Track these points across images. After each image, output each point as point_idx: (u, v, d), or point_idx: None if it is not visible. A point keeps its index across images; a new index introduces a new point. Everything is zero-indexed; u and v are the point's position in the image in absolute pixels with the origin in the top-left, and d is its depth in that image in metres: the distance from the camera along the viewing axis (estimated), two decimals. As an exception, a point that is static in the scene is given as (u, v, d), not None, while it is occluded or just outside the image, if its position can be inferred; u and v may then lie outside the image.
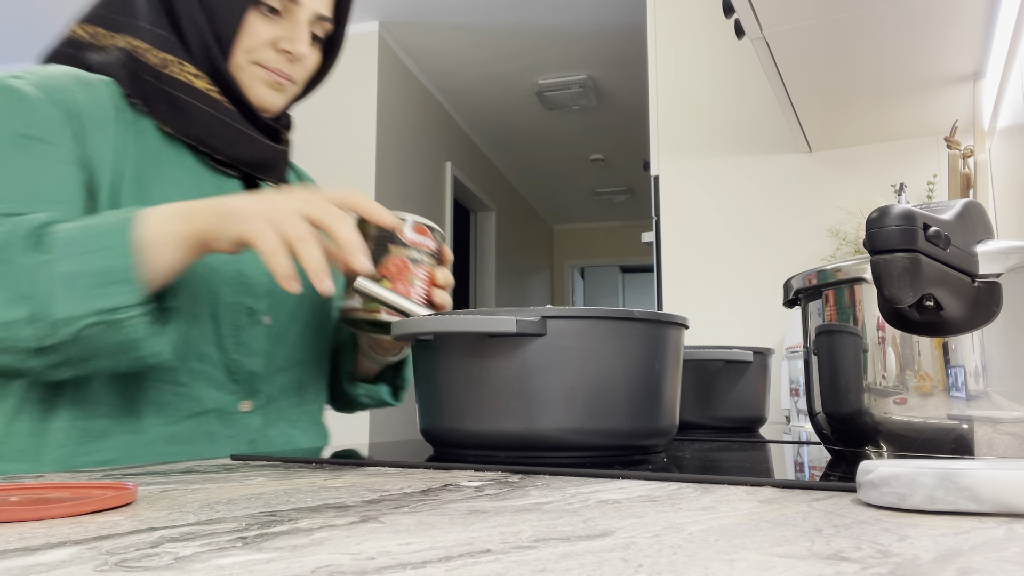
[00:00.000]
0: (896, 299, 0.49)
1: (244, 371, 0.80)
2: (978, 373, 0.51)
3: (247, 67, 0.80)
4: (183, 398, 0.75)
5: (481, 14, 3.51)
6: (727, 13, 1.38)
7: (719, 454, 0.66)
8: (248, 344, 0.80)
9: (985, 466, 0.35)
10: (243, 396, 0.80)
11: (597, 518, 0.34)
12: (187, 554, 0.27)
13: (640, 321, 0.62)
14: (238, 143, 0.80)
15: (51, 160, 0.69)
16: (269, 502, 0.39)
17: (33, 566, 0.25)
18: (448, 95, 4.44)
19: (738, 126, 2.21)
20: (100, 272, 0.60)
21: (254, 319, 0.81)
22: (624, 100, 4.47)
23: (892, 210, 0.49)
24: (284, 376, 0.84)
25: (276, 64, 0.81)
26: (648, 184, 5.75)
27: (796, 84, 1.63)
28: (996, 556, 0.26)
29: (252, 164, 0.83)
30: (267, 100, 0.82)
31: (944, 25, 1.37)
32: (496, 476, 0.51)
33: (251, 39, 0.79)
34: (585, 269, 7.89)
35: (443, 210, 4.52)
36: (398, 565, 0.25)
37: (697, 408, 1.01)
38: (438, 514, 0.35)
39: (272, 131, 0.86)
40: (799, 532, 0.30)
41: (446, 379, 0.63)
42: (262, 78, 0.81)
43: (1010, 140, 1.44)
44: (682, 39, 2.30)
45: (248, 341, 0.80)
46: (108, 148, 0.73)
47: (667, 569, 0.24)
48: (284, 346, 0.84)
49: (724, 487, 0.45)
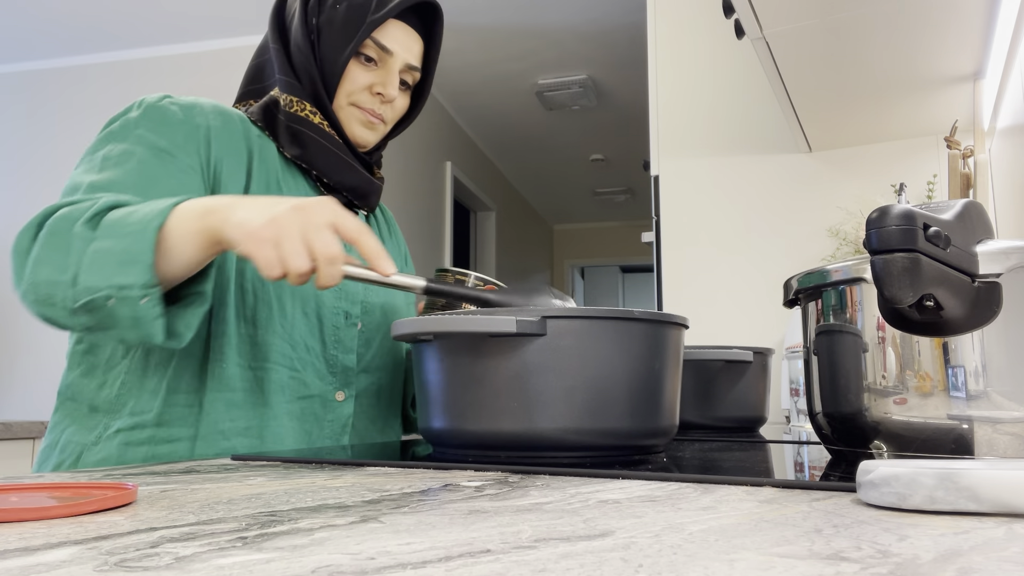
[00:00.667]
0: (896, 299, 0.49)
1: (340, 365, 0.93)
2: (978, 373, 0.51)
3: (346, 107, 0.95)
4: (297, 382, 0.89)
5: (481, 14, 3.51)
6: (727, 13, 1.38)
7: (719, 454, 0.66)
8: (344, 342, 0.94)
9: (985, 466, 0.35)
10: (338, 387, 0.93)
11: (597, 518, 0.34)
12: (187, 554, 0.27)
13: (640, 321, 0.62)
14: (343, 170, 0.95)
15: (175, 169, 0.83)
16: (269, 502, 0.39)
17: (33, 566, 0.25)
18: (448, 95, 4.44)
19: (738, 126, 2.21)
20: (121, 252, 0.68)
21: (349, 322, 0.95)
22: (624, 100, 4.47)
23: (892, 210, 0.49)
24: (367, 377, 0.97)
25: (370, 105, 0.95)
26: (648, 184, 5.75)
27: (796, 84, 1.63)
28: (996, 556, 0.25)
29: (352, 190, 0.97)
30: (361, 136, 0.96)
31: (944, 25, 1.37)
32: (496, 476, 0.51)
33: (351, 84, 0.94)
34: (585, 269, 7.88)
35: (443, 210, 4.52)
36: (398, 565, 0.25)
37: (697, 408, 1.01)
38: (438, 514, 0.35)
39: (367, 165, 1.01)
40: (799, 532, 0.30)
41: (446, 379, 0.63)
42: (358, 117, 0.95)
43: (1010, 140, 1.44)
44: (682, 39, 2.30)
45: (344, 340, 0.94)
46: (240, 169, 0.88)
47: (667, 569, 0.24)
48: (371, 349, 0.98)
49: (724, 487, 0.45)
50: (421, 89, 1.03)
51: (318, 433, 0.90)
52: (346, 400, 0.93)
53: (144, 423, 0.81)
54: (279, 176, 0.92)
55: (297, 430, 0.88)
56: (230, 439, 0.82)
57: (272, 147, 0.94)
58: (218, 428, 0.82)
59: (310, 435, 0.89)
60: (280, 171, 0.93)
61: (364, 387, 0.96)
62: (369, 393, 0.97)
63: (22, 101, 3.73)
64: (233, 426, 0.83)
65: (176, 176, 0.82)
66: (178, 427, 0.81)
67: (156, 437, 0.80)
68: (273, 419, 0.86)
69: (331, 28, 0.92)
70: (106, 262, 0.68)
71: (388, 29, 0.94)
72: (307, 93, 0.93)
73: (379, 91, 0.94)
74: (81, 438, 0.82)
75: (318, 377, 0.91)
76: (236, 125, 0.91)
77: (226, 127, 0.89)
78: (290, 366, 0.88)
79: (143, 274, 0.68)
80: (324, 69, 0.93)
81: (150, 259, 0.68)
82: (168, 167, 0.82)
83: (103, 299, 0.68)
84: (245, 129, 0.92)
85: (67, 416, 0.84)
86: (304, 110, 0.92)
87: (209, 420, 0.82)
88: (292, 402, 0.88)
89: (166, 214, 0.70)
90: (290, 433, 0.87)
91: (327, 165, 0.93)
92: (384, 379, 1.00)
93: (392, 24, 0.94)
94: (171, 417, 0.81)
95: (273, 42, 0.96)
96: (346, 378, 0.94)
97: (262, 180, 0.90)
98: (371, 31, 0.92)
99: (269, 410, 0.85)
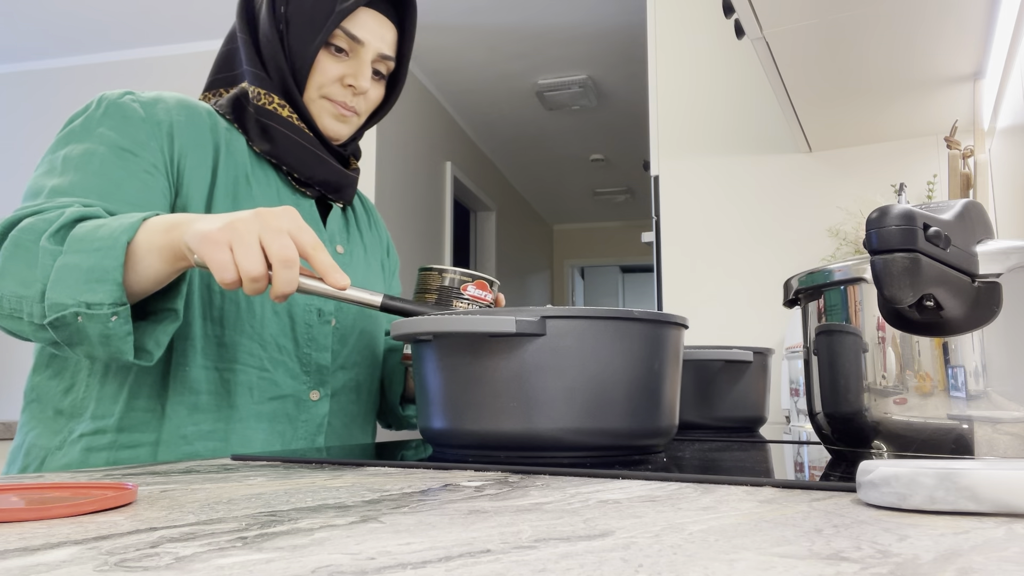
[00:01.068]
0: (896, 299, 0.49)
1: (314, 364, 0.91)
2: (978, 373, 0.51)
3: (317, 100, 0.92)
4: (267, 383, 0.86)
5: (481, 14, 3.51)
6: (727, 13, 1.38)
7: (719, 454, 0.66)
8: (318, 340, 0.92)
9: (985, 466, 0.35)
10: (313, 386, 0.91)
11: (597, 518, 0.34)
12: (187, 554, 0.27)
13: (639, 321, 0.62)
14: (314, 165, 0.92)
15: (137, 169, 0.81)
16: (269, 502, 0.39)
17: (33, 566, 0.25)
18: (448, 95, 4.44)
19: (738, 126, 2.21)
20: (89, 269, 0.67)
21: (323, 319, 0.92)
22: (624, 100, 4.47)
23: (892, 210, 0.49)
24: (344, 374, 0.95)
25: (342, 97, 0.93)
26: (648, 184, 5.75)
27: (796, 84, 1.63)
28: (996, 556, 0.25)
29: (324, 184, 0.95)
30: (333, 130, 0.94)
31: (944, 25, 1.37)
32: (496, 476, 0.51)
33: (322, 76, 0.91)
34: (585, 269, 7.88)
35: (443, 210, 4.52)
36: (398, 565, 0.25)
37: (697, 408, 1.01)
38: (438, 514, 0.35)
39: (342, 158, 0.98)
40: (799, 532, 0.30)
41: (446, 379, 0.63)
42: (329, 111, 0.93)
43: (1010, 140, 1.44)
44: (682, 39, 2.30)
45: (318, 338, 0.92)
46: (205, 163, 0.86)
47: (667, 569, 0.24)
48: (347, 347, 0.96)
49: (724, 487, 0.45)
50: (396, 78, 1.00)
51: (292, 434, 0.88)
52: (321, 399, 0.91)
53: (105, 428, 0.79)
54: (248, 170, 0.90)
55: (267, 431, 0.86)
56: (192, 443, 0.81)
57: (241, 140, 0.91)
58: (180, 433, 0.80)
59: (283, 436, 0.87)
60: (249, 165, 0.90)
61: (341, 385, 0.94)
62: (346, 391, 0.95)
63: (23, 101, 3.74)
64: (196, 430, 0.81)
65: (139, 176, 0.80)
66: (140, 432, 0.80)
67: (118, 442, 0.79)
68: (239, 421, 0.83)
69: (300, 18, 0.90)
70: (74, 278, 0.66)
71: (359, 17, 0.91)
72: (276, 86, 0.90)
73: (351, 83, 0.92)
74: (46, 442, 0.81)
75: (291, 377, 0.88)
76: (202, 119, 0.88)
77: (191, 121, 0.86)
78: (260, 366, 0.85)
79: (112, 292, 0.66)
80: (293, 61, 0.90)
81: (119, 276, 0.66)
82: (130, 167, 0.80)
83: (72, 316, 0.66)
84: (212, 123, 0.89)
85: (33, 418, 0.83)
86: (272, 103, 0.90)
87: (171, 425, 0.80)
88: (262, 403, 0.85)
89: (135, 229, 0.68)
90: (258, 435, 0.85)
91: (297, 160, 0.91)
92: (362, 376, 0.98)
93: (363, 12, 0.91)
94: (133, 422, 0.80)
95: (241, 32, 0.93)
96: (321, 377, 0.91)
97: (230, 175, 0.88)
98: (341, 20, 0.89)
99: (235, 412, 0.83)
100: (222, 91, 0.95)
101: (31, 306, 0.67)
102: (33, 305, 0.67)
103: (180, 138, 0.84)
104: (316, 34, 0.89)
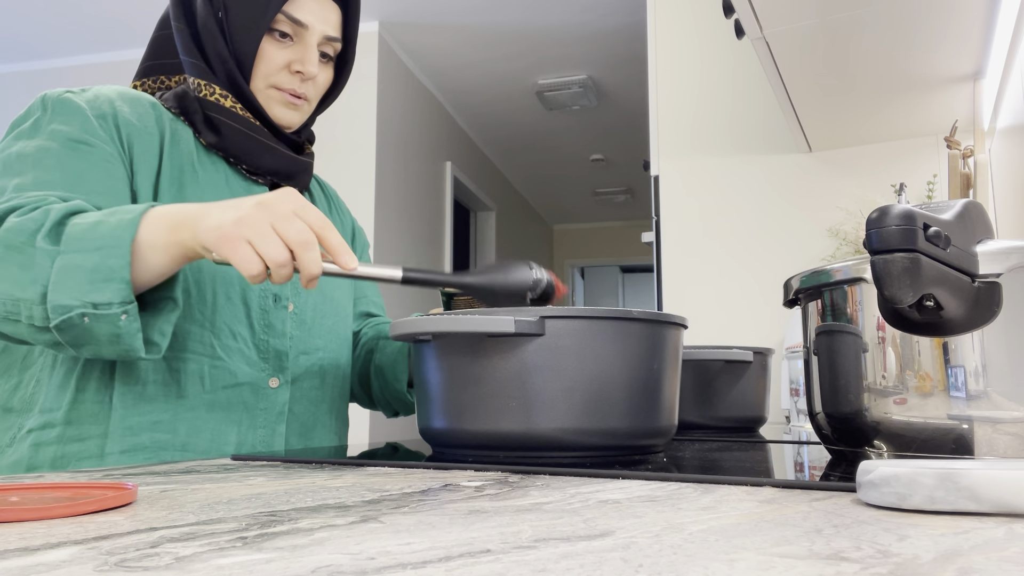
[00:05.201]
0: (896, 299, 0.49)
1: (272, 350, 0.89)
2: (978, 373, 0.51)
3: (265, 90, 0.90)
4: (221, 371, 0.84)
5: (481, 14, 3.51)
6: (727, 13, 1.38)
7: (719, 454, 0.66)
8: (275, 326, 0.89)
9: (985, 466, 0.35)
10: (272, 373, 0.89)
11: (597, 518, 0.34)
12: (187, 554, 0.27)
13: (639, 321, 0.62)
14: (262, 154, 0.90)
15: (96, 159, 0.80)
16: (269, 502, 0.39)
17: (33, 566, 0.25)
18: (448, 95, 4.44)
19: (738, 126, 2.21)
20: (93, 269, 0.66)
21: (280, 304, 0.90)
22: (624, 100, 4.47)
23: (892, 210, 0.49)
24: (307, 359, 0.93)
25: (290, 85, 0.90)
26: (648, 184, 5.74)
27: (796, 84, 1.63)
28: (996, 556, 0.25)
29: (276, 173, 0.93)
30: (284, 118, 0.92)
31: (944, 25, 1.37)
32: (496, 476, 0.51)
33: (267, 64, 0.89)
34: (585, 269, 7.88)
35: (443, 210, 4.52)
36: (398, 565, 0.25)
37: (697, 408, 1.01)
38: (438, 514, 0.35)
39: (295, 145, 0.96)
40: (799, 532, 0.30)
41: (445, 379, 0.63)
42: (278, 99, 0.91)
43: (1010, 140, 1.44)
44: (682, 39, 2.30)
45: (275, 323, 0.90)
46: (151, 151, 0.84)
47: (667, 569, 0.24)
48: (307, 332, 0.93)
49: (724, 487, 0.45)
50: (344, 59, 0.97)
51: (249, 423, 0.86)
52: (281, 386, 0.89)
53: (53, 422, 0.78)
54: (195, 159, 0.88)
55: (221, 420, 0.84)
56: (139, 435, 0.79)
57: (188, 131, 0.89)
58: (126, 424, 0.79)
59: (239, 425, 0.85)
60: (196, 155, 0.88)
61: (303, 371, 0.92)
62: (309, 376, 0.93)
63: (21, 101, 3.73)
64: (142, 420, 0.79)
65: (100, 166, 0.79)
66: (88, 425, 0.78)
67: (65, 436, 0.77)
68: (189, 411, 0.82)
69: (239, 5, 0.87)
70: (77, 279, 0.66)
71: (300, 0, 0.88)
72: (218, 76, 0.88)
73: (298, 69, 0.89)
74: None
75: (247, 364, 0.86)
76: (145, 108, 0.86)
77: (134, 111, 0.85)
78: (211, 354, 0.83)
79: (121, 291, 0.66)
80: (236, 49, 0.87)
81: (127, 275, 0.66)
82: (89, 159, 0.79)
83: (78, 317, 0.66)
84: (157, 114, 0.87)
85: None
86: (214, 94, 0.87)
87: (118, 416, 0.78)
88: (214, 392, 0.83)
89: (135, 225, 0.68)
90: (210, 424, 0.83)
91: (244, 151, 0.89)
92: (326, 361, 0.96)
93: None
94: (80, 415, 0.78)
95: (175, 20, 0.90)
96: (280, 363, 0.89)
97: (176, 164, 0.86)
98: (282, 4, 0.86)
99: (184, 402, 0.81)
100: (163, 78, 0.93)
101: (30, 309, 0.66)
102: (33, 308, 0.66)
103: (125, 127, 0.83)
104: (257, 20, 0.86)
